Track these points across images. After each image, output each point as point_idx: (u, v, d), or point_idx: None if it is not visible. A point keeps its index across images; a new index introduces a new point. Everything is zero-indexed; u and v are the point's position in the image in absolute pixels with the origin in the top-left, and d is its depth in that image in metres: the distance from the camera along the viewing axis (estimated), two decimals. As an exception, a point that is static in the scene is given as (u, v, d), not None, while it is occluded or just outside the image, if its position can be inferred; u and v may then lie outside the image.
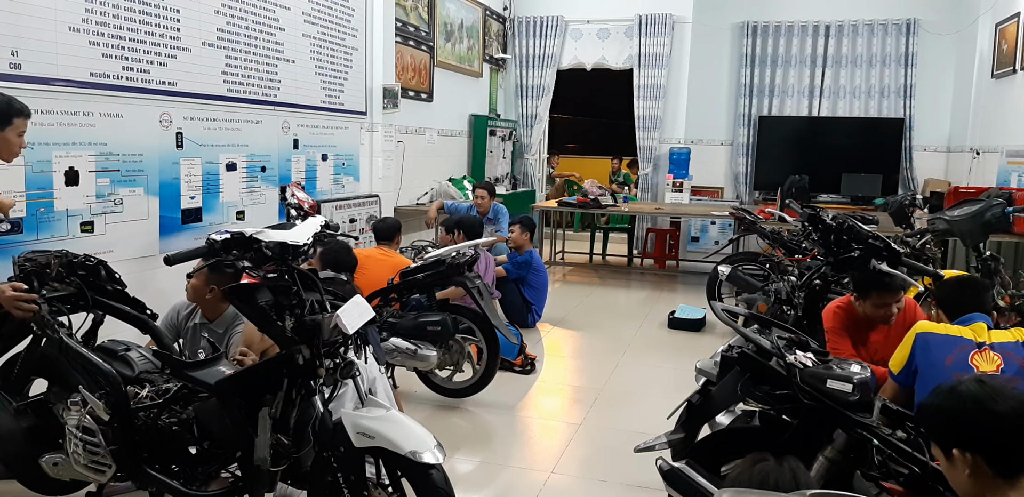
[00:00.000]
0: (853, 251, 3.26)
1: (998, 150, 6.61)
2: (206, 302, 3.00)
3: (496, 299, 5.22)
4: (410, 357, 3.71)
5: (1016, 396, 1.56)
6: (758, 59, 8.66)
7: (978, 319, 2.47)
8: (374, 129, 6.12)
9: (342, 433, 2.17)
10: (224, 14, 4.44)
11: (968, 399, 1.56)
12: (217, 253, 2.18)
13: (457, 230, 5.20)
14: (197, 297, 3.00)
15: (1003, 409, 1.52)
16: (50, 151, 3.42)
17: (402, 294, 4.04)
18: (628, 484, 3.12)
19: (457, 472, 3.17)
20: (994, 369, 2.29)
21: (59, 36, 3.43)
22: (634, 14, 8.44)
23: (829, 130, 8.61)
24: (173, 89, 4.09)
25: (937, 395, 1.63)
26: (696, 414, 2.56)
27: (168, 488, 2.50)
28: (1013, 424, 1.50)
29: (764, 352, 2.32)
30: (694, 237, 8.63)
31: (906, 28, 8.20)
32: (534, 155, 9.11)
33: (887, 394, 2.48)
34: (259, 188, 4.85)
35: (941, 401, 1.61)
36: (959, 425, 1.56)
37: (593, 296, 6.97)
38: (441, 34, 7.28)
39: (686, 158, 8.47)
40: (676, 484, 2.20)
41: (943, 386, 1.65)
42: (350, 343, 2.26)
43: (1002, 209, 4.23)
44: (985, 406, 1.53)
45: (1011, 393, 1.57)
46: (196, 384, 2.45)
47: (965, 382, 1.62)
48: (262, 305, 2.25)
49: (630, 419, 3.87)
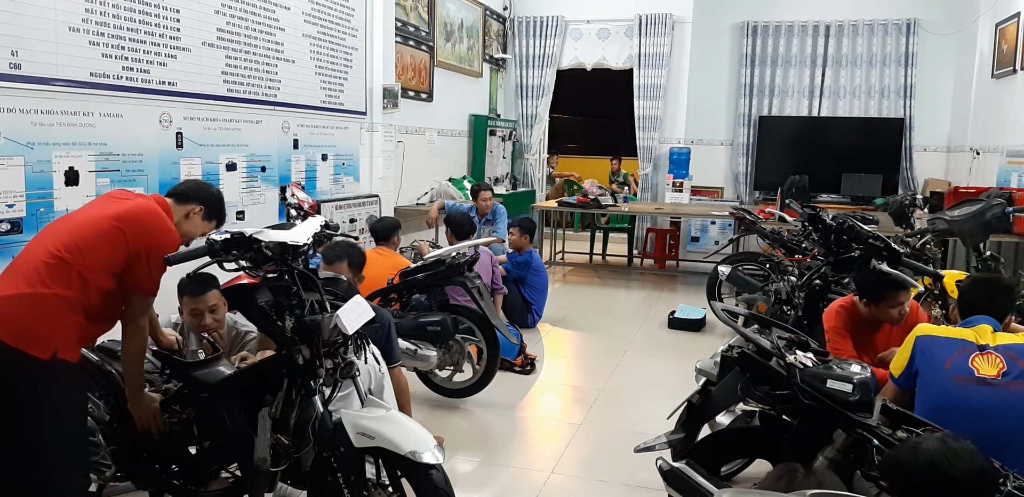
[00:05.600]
0: (853, 251, 3.26)
1: (998, 150, 6.61)
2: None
3: (503, 294, 5.22)
4: (410, 357, 3.71)
5: (973, 458, 1.60)
6: (758, 59, 8.66)
7: (983, 321, 2.45)
8: (374, 129, 6.12)
9: (342, 433, 2.16)
10: (224, 14, 4.44)
11: (923, 459, 1.61)
12: (217, 253, 2.18)
13: (447, 229, 5.21)
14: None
15: (955, 472, 1.56)
16: (50, 151, 3.42)
17: (402, 294, 4.04)
18: (628, 484, 3.12)
19: (457, 472, 3.17)
20: (996, 372, 2.28)
21: (59, 36, 3.43)
22: (634, 14, 8.44)
23: (829, 130, 8.61)
24: (173, 89, 4.09)
25: (901, 449, 1.67)
26: (696, 414, 2.56)
27: (168, 488, 2.50)
28: (962, 487, 1.54)
29: (764, 352, 2.32)
30: (694, 237, 8.63)
31: (906, 28, 8.20)
32: (534, 155, 9.11)
33: (887, 395, 2.48)
34: (259, 188, 4.85)
35: (902, 455, 1.64)
36: (914, 484, 1.60)
37: (593, 296, 6.97)
38: (441, 34, 7.28)
39: (686, 158, 8.47)
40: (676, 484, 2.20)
41: (911, 440, 1.69)
42: (350, 343, 2.26)
43: (1002, 209, 4.23)
44: (939, 469, 1.58)
45: (969, 455, 1.60)
46: (196, 384, 2.46)
47: (929, 440, 1.68)
48: (262, 305, 2.25)
49: (630, 419, 3.87)
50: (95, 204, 2.39)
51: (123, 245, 2.20)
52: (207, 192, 2.53)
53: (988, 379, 2.26)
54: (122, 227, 2.21)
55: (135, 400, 2.38)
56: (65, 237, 2.19)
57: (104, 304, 2.23)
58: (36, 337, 2.08)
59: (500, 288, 5.14)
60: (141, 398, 2.39)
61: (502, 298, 5.24)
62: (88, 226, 2.22)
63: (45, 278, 2.11)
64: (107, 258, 2.19)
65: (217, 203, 2.54)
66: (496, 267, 5.20)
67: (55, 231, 2.27)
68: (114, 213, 2.24)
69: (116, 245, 2.20)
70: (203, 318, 2.81)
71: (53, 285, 2.11)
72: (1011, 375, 2.26)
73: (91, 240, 2.18)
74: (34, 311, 2.09)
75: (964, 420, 2.19)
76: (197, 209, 2.47)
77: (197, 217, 2.47)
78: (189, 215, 2.46)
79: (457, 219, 5.28)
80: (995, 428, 2.19)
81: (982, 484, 1.69)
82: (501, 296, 5.20)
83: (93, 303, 2.18)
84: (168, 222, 2.31)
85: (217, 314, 2.84)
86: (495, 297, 5.02)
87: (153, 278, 2.27)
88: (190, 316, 2.84)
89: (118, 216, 2.23)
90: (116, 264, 2.21)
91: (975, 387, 2.26)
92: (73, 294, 2.13)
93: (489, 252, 5.13)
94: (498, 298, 5.12)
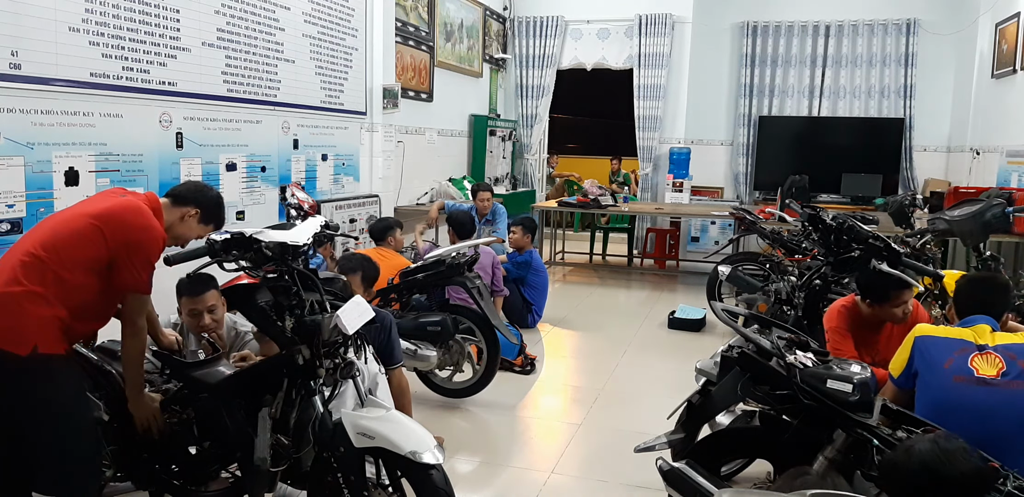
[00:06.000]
0: (853, 251, 3.26)
1: (998, 150, 6.61)
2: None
3: (504, 295, 5.22)
4: (410, 357, 3.71)
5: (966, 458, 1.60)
6: (758, 59, 8.66)
7: (981, 321, 2.45)
8: (374, 129, 6.12)
9: (342, 433, 2.17)
10: (224, 14, 4.44)
11: (918, 461, 1.62)
12: (217, 253, 2.18)
13: (448, 228, 5.20)
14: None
15: (950, 473, 1.56)
16: (50, 151, 3.42)
17: (402, 294, 4.04)
18: (628, 484, 3.12)
19: (457, 472, 3.17)
20: (995, 372, 2.27)
21: (59, 36, 3.43)
22: (634, 14, 8.44)
23: (829, 130, 8.61)
24: (173, 89, 4.09)
25: (895, 452, 1.67)
26: (696, 414, 2.56)
27: (168, 488, 2.50)
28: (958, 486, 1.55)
29: (764, 352, 2.32)
30: (694, 237, 8.63)
31: (906, 28, 8.20)
32: (534, 155, 9.11)
33: (887, 396, 2.48)
34: (259, 188, 4.85)
35: (897, 459, 1.65)
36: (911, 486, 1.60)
37: (593, 296, 6.97)
38: (441, 34, 7.28)
39: (686, 158, 8.47)
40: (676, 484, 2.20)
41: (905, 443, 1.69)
42: (350, 343, 2.26)
43: (1002, 209, 4.22)
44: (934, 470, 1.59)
45: (962, 455, 1.61)
46: (196, 384, 2.46)
47: (921, 441, 1.69)
48: (262, 305, 2.25)
49: (630, 419, 3.87)
50: (80, 203, 2.38)
51: (101, 243, 2.18)
52: (205, 195, 2.51)
53: (987, 379, 2.26)
54: (99, 225, 2.19)
55: (135, 400, 2.38)
56: (43, 235, 2.19)
57: (89, 302, 2.21)
58: (12, 334, 2.08)
59: (501, 290, 5.14)
60: (141, 398, 2.39)
61: (502, 299, 5.24)
62: (65, 224, 2.21)
63: (19, 276, 2.11)
64: (84, 256, 2.18)
65: (215, 207, 2.52)
66: (498, 268, 5.20)
67: (37, 229, 2.27)
68: (93, 211, 2.23)
69: (93, 243, 2.18)
70: (202, 318, 2.81)
71: (27, 283, 2.10)
72: (1010, 375, 2.26)
73: (66, 238, 2.18)
74: (7, 309, 2.08)
75: (964, 420, 2.19)
76: (192, 212, 2.45)
77: (192, 220, 2.46)
78: (184, 218, 2.44)
79: (459, 218, 5.28)
80: (995, 428, 2.19)
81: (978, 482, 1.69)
82: (501, 298, 5.20)
83: (74, 300, 2.17)
84: (151, 220, 2.28)
85: (216, 314, 2.84)
86: (495, 299, 5.03)
87: (140, 277, 2.24)
88: (189, 316, 2.84)
89: (97, 214, 2.22)
90: (96, 262, 2.19)
91: (974, 387, 2.26)
92: (48, 290, 2.12)
93: (492, 254, 5.13)
94: (498, 299, 5.12)
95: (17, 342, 2.08)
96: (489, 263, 5.04)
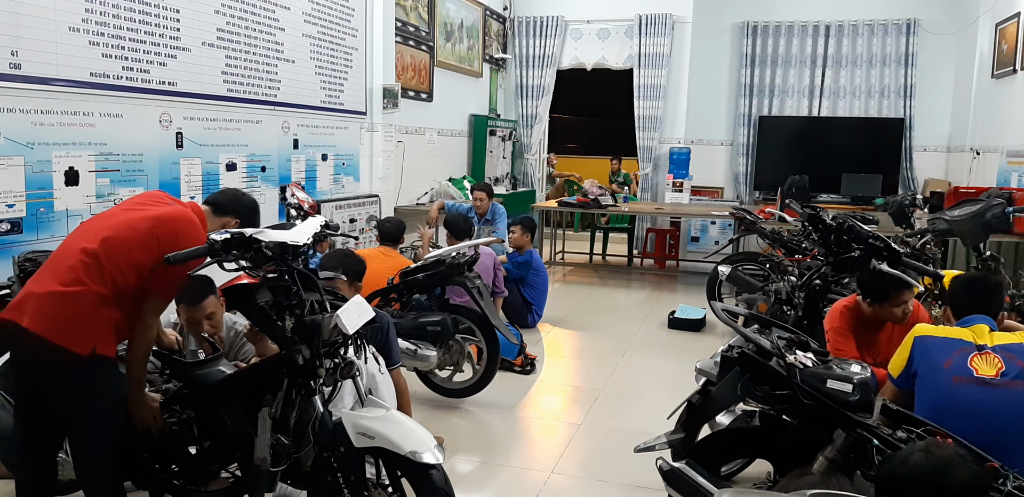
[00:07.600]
0: (853, 251, 3.26)
1: (998, 150, 6.61)
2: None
3: (503, 296, 5.22)
4: (410, 357, 3.71)
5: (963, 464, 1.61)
6: (758, 59, 8.66)
7: (979, 321, 2.45)
8: (374, 129, 6.12)
9: (342, 433, 2.17)
10: (224, 14, 4.44)
11: (916, 471, 1.62)
12: (217, 253, 2.18)
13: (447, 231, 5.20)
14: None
15: (951, 481, 1.57)
16: (50, 151, 3.42)
17: (402, 294, 4.04)
18: (628, 484, 3.12)
19: (457, 472, 3.17)
20: (994, 372, 2.28)
21: (59, 36, 3.43)
22: (634, 14, 8.44)
23: (829, 130, 8.61)
24: (173, 89, 4.09)
25: (892, 462, 1.67)
26: (696, 414, 2.56)
27: (168, 488, 2.50)
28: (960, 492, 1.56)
29: (764, 352, 2.32)
30: (694, 237, 8.63)
31: (906, 28, 8.20)
32: (534, 155, 9.11)
33: (887, 396, 2.48)
34: (259, 188, 4.85)
35: (895, 471, 1.65)
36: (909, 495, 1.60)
37: (593, 296, 6.97)
38: (441, 34, 7.28)
39: (686, 158, 8.47)
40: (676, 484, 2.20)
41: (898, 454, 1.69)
42: (350, 343, 2.26)
43: (1002, 209, 4.22)
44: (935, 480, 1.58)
45: (959, 462, 1.61)
46: (196, 384, 2.46)
47: (917, 451, 1.69)
48: (262, 305, 2.25)
49: (630, 419, 3.87)
50: (132, 205, 2.41)
51: (155, 248, 2.22)
52: (243, 203, 2.57)
53: (987, 379, 2.27)
54: (157, 231, 2.24)
55: (136, 399, 2.38)
56: (100, 236, 2.22)
57: (136, 305, 2.26)
58: (76, 334, 2.12)
59: (501, 291, 5.14)
60: (142, 397, 2.39)
61: (502, 299, 5.24)
62: (125, 227, 2.25)
63: (81, 276, 2.14)
64: (138, 259, 2.22)
65: (252, 214, 2.58)
66: (498, 269, 5.20)
67: (90, 230, 2.29)
68: (152, 215, 2.28)
69: (148, 248, 2.22)
70: (200, 326, 2.81)
71: (89, 282, 2.15)
72: (1009, 375, 2.26)
73: (126, 241, 2.22)
74: (72, 309, 2.12)
75: (963, 420, 2.20)
76: (233, 222, 2.50)
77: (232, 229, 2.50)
78: (224, 227, 2.48)
79: (452, 219, 5.28)
80: (994, 428, 2.20)
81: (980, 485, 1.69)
82: (501, 299, 5.20)
83: (126, 303, 2.22)
84: (201, 232, 2.33)
85: (214, 320, 2.84)
86: (495, 299, 5.02)
87: (172, 285, 2.30)
88: (187, 323, 2.84)
89: (155, 217, 2.27)
90: (145, 266, 2.23)
91: (974, 387, 2.27)
92: (107, 291, 2.17)
93: (492, 254, 5.13)
94: (498, 300, 5.12)
95: (79, 341, 2.12)
96: (491, 264, 5.04)
